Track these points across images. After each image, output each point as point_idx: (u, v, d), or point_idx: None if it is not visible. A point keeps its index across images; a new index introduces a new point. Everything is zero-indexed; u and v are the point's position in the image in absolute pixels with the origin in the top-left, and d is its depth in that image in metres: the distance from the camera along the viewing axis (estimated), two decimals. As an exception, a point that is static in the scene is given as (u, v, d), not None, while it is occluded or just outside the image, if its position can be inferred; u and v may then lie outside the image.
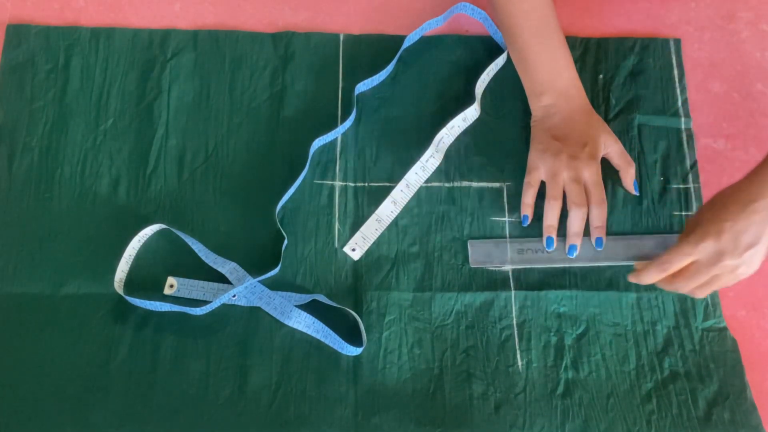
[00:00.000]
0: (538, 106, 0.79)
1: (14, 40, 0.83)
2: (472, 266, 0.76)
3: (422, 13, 0.87)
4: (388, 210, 0.78)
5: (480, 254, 0.77)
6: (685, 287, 0.70)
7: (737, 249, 0.66)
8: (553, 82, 0.78)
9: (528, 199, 0.77)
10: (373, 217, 0.78)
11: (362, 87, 0.81)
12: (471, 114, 0.78)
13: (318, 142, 0.79)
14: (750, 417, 0.72)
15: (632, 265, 0.75)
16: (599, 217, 0.75)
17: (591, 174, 0.75)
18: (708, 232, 0.66)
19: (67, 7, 0.85)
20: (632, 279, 0.72)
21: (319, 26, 0.86)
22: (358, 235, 0.77)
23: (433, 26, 0.85)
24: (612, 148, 0.77)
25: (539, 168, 0.77)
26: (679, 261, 0.68)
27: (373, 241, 0.77)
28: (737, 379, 0.73)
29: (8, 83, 0.81)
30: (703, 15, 0.88)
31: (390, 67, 0.83)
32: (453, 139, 0.79)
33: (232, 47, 0.84)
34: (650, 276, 0.70)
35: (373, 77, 0.81)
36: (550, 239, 0.76)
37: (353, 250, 0.76)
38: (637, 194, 0.79)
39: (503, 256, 0.77)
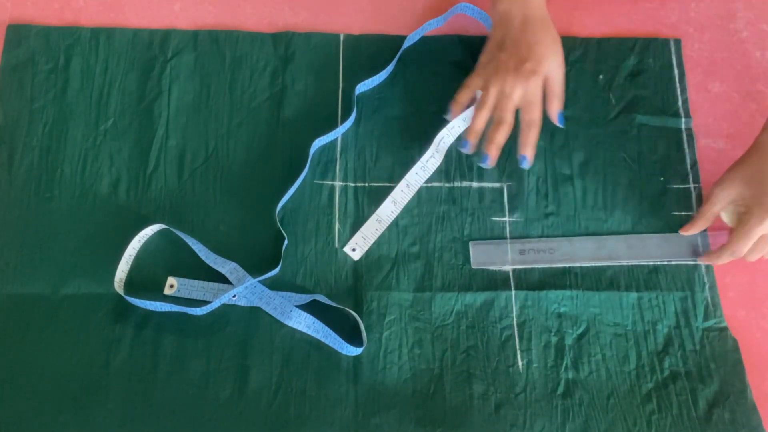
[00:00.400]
0: (494, 12, 0.77)
1: (14, 40, 0.82)
2: (474, 267, 0.76)
3: (422, 13, 0.87)
4: (389, 210, 0.78)
5: (482, 255, 0.77)
6: (755, 257, 0.75)
7: None
8: None
9: (461, 96, 0.77)
10: (374, 217, 0.78)
11: (362, 87, 0.81)
12: (470, 115, 0.78)
13: (318, 142, 0.79)
14: (750, 417, 0.72)
15: (632, 264, 0.76)
16: (527, 136, 0.74)
17: (526, 91, 0.73)
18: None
19: (67, 7, 0.85)
20: (704, 261, 0.77)
21: (319, 26, 0.86)
22: (358, 235, 0.77)
23: (433, 26, 0.85)
24: (553, 72, 0.75)
25: (476, 75, 0.76)
26: (751, 240, 0.72)
27: (373, 241, 0.77)
28: (738, 379, 0.73)
29: (8, 83, 0.81)
30: (703, 15, 0.88)
31: (390, 67, 0.83)
32: (453, 140, 0.79)
33: (232, 47, 0.84)
34: (724, 260, 0.75)
35: (373, 77, 0.81)
36: (466, 143, 0.76)
37: (353, 250, 0.76)
38: (562, 126, 0.77)
39: (504, 257, 0.77)
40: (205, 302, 0.73)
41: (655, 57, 0.85)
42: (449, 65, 0.84)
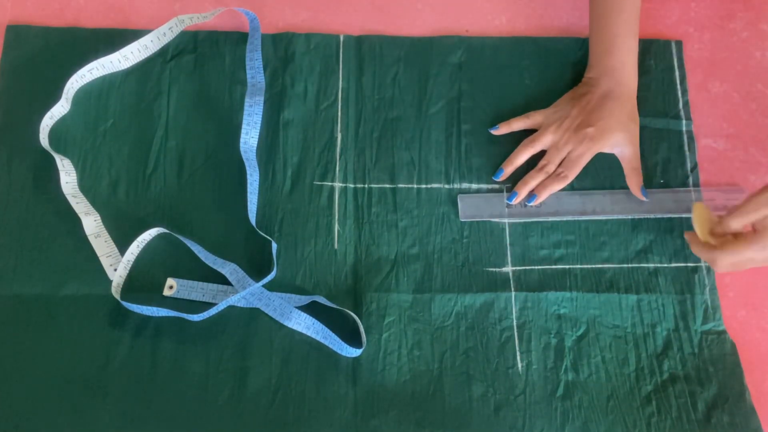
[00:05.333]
0: (586, 76, 0.81)
1: (14, 40, 0.82)
2: (462, 220, 0.77)
3: (422, 13, 0.87)
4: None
5: (470, 208, 0.78)
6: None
7: None
8: (606, 59, 0.79)
9: (515, 123, 0.81)
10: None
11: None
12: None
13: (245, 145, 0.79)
14: (749, 420, 0.72)
15: (632, 266, 0.76)
16: (553, 184, 0.78)
17: (574, 152, 0.77)
18: None
19: (67, 8, 0.85)
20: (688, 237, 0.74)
21: (319, 27, 0.85)
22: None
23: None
24: (625, 149, 0.78)
25: (541, 114, 0.80)
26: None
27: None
28: (736, 382, 0.73)
29: (8, 83, 0.81)
30: (703, 15, 0.88)
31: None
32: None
33: (231, 48, 0.83)
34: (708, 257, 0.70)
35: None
36: (501, 171, 0.79)
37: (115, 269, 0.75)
38: (646, 200, 0.79)
39: (493, 210, 0.77)
40: (205, 303, 0.73)
41: (656, 59, 0.85)
42: (449, 65, 0.84)
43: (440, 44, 0.85)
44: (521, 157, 0.79)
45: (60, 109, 0.79)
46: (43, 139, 0.77)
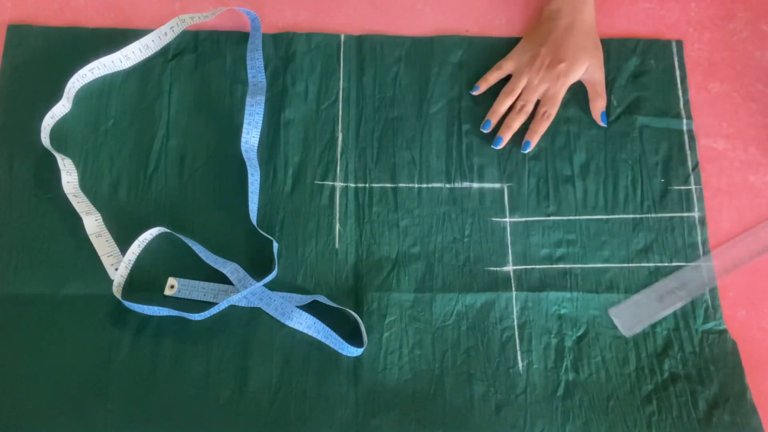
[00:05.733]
0: (546, 8, 0.84)
1: (15, 40, 0.82)
2: (628, 336, 0.75)
3: (422, 13, 0.87)
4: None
5: (628, 319, 0.75)
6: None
7: None
8: None
9: (491, 77, 0.83)
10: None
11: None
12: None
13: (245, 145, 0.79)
14: (750, 419, 0.72)
15: (632, 266, 0.76)
16: (539, 125, 0.80)
17: (551, 88, 0.80)
18: None
19: (67, 7, 0.85)
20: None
21: (320, 26, 0.85)
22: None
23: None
24: (594, 75, 0.82)
25: (512, 60, 0.83)
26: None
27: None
28: (737, 381, 0.73)
29: (9, 83, 0.81)
30: (703, 15, 0.88)
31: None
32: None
33: (232, 48, 0.83)
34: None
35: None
36: (488, 122, 0.81)
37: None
38: (605, 125, 0.81)
39: (651, 310, 0.75)
40: (206, 303, 0.73)
41: (656, 58, 0.85)
42: (449, 65, 0.84)
43: (441, 44, 0.85)
44: (503, 105, 0.81)
45: (61, 108, 0.79)
46: (45, 139, 0.77)
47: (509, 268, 0.77)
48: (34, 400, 0.70)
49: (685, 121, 0.82)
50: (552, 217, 0.79)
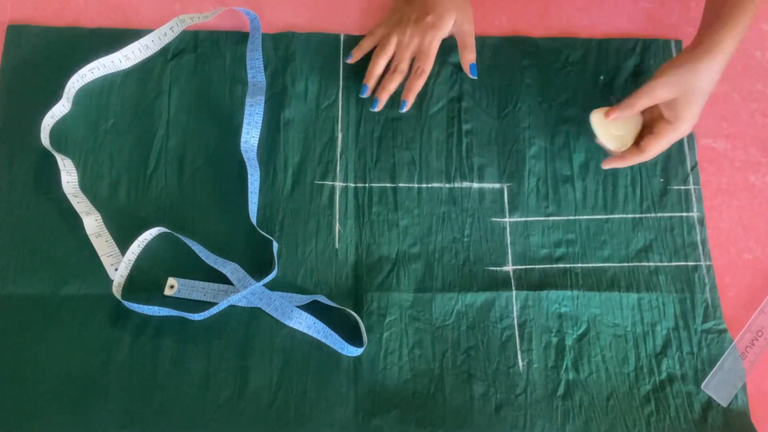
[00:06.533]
0: None
1: (15, 40, 0.82)
2: (725, 406, 0.73)
3: (422, 13, 0.87)
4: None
5: (723, 388, 0.74)
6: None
7: None
8: None
9: (364, 43, 0.82)
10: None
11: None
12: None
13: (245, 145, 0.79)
14: (744, 421, 0.72)
15: (633, 265, 0.76)
16: (413, 83, 0.79)
17: (422, 43, 0.79)
18: None
19: (67, 7, 0.85)
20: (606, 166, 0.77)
21: (320, 27, 0.85)
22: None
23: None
24: (464, 27, 0.80)
25: (382, 24, 0.82)
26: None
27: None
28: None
29: (8, 84, 0.81)
30: (704, 15, 0.88)
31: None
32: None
33: (232, 48, 0.83)
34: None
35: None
36: (365, 87, 0.80)
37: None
38: (475, 77, 0.82)
39: (735, 369, 0.74)
40: (206, 303, 0.73)
41: (656, 58, 0.85)
42: (449, 65, 0.84)
43: (441, 44, 0.84)
44: (378, 66, 0.80)
45: (61, 108, 0.79)
46: (44, 139, 0.77)
47: (509, 268, 0.77)
48: (34, 400, 0.70)
49: (684, 120, 0.82)
50: (552, 217, 0.79)
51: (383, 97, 0.79)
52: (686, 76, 0.71)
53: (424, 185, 0.79)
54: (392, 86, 0.79)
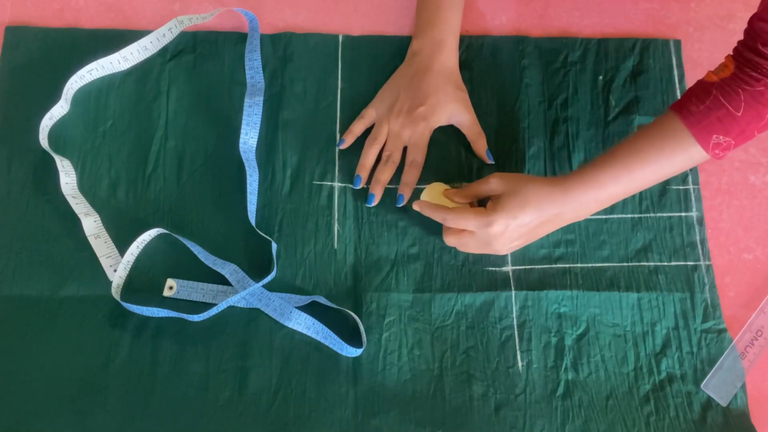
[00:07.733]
0: (410, 48, 0.82)
1: (14, 41, 0.82)
2: (724, 406, 0.73)
3: (422, 13, 0.87)
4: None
5: (722, 388, 0.74)
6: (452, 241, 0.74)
7: None
8: (430, 28, 0.80)
9: (355, 128, 0.80)
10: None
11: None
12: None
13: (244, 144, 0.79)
14: (743, 421, 0.72)
15: (632, 265, 0.76)
16: (408, 176, 0.77)
17: (414, 134, 0.77)
18: None
19: (66, 8, 0.85)
20: (417, 207, 0.74)
21: (319, 27, 0.85)
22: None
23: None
24: (462, 117, 0.79)
25: (373, 107, 0.80)
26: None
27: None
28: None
29: (8, 84, 0.81)
30: (703, 15, 0.88)
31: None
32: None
33: (231, 48, 0.83)
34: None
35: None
36: (358, 178, 0.78)
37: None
38: (492, 163, 0.80)
39: (734, 369, 0.74)
40: (205, 304, 0.73)
41: (655, 58, 0.85)
42: (449, 65, 0.84)
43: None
44: (369, 157, 0.78)
45: (59, 109, 0.79)
46: (43, 140, 0.77)
47: (508, 268, 0.77)
48: (33, 400, 0.70)
49: (683, 120, 0.82)
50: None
51: (378, 192, 0.77)
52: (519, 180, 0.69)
53: (423, 185, 0.79)
54: (385, 177, 0.77)
